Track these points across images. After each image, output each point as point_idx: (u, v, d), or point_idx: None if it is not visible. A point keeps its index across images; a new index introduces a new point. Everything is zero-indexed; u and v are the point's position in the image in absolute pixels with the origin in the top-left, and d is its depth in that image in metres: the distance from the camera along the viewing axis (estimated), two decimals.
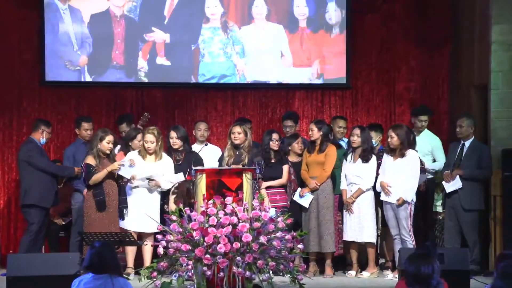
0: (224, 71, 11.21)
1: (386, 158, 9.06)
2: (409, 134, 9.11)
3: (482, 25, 10.21)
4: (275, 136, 9.34)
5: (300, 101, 11.39)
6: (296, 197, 9.26)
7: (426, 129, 10.13)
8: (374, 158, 9.18)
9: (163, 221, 8.28)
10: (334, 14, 11.29)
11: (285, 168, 9.25)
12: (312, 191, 9.18)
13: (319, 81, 11.35)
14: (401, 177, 8.90)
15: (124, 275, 6.20)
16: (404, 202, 8.85)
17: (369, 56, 11.45)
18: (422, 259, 4.74)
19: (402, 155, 8.94)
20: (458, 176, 9.34)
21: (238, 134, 9.13)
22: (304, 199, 9.21)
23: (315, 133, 9.31)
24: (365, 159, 9.14)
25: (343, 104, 11.43)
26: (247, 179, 7.94)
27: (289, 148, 9.55)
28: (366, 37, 11.43)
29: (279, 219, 7.65)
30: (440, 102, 11.43)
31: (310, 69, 11.29)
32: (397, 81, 11.47)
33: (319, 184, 9.16)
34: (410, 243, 8.79)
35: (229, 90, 11.35)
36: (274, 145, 9.29)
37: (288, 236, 7.60)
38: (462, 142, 9.51)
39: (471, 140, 9.49)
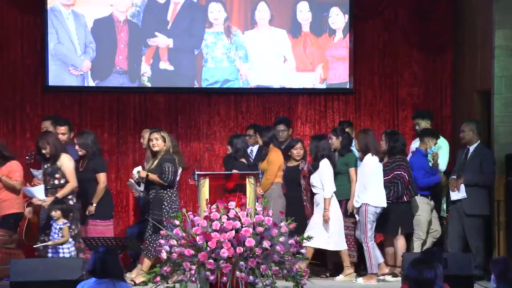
0: (227, 76, 11.21)
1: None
2: (372, 139, 9.29)
3: (485, 30, 10.22)
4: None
5: (303, 106, 11.39)
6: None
7: None
8: (324, 165, 9.17)
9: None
10: (337, 19, 11.29)
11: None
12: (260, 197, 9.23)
13: (322, 86, 11.35)
14: (359, 182, 9.15)
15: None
16: (360, 206, 9.06)
17: (372, 61, 11.46)
18: (424, 264, 4.74)
19: (361, 159, 9.23)
20: (463, 186, 9.29)
21: (155, 140, 9.00)
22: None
23: (259, 140, 9.58)
24: (314, 168, 9.25)
25: (346, 109, 11.42)
26: (250, 183, 7.94)
27: (289, 153, 9.63)
28: (369, 42, 11.44)
29: (282, 224, 7.65)
30: (443, 107, 11.43)
31: (313, 74, 11.29)
32: (400, 86, 11.47)
33: (262, 192, 9.19)
34: (365, 249, 9.01)
35: (232, 95, 11.35)
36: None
37: (291, 241, 7.60)
38: (468, 147, 9.48)
39: (475, 145, 9.43)
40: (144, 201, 9.43)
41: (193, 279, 7.35)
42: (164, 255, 7.48)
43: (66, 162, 8.88)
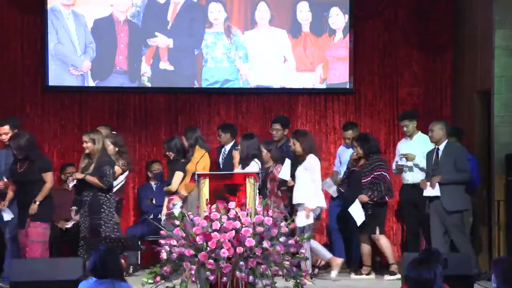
0: (227, 76, 11.22)
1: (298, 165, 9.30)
2: (312, 140, 9.38)
3: (485, 30, 10.22)
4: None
5: (303, 106, 11.39)
6: (171, 206, 9.42)
7: (420, 132, 10.09)
8: (252, 162, 9.16)
9: None
10: (337, 19, 11.30)
11: (177, 174, 9.40)
12: (183, 200, 9.22)
13: (323, 86, 11.35)
14: (301, 182, 9.14)
15: None
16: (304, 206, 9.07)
17: (372, 61, 11.46)
18: (423, 264, 4.73)
19: (304, 160, 9.17)
20: (437, 184, 9.25)
21: (85, 143, 8.95)
22: (175, 207, 9.32)
23: (185, 142, 9.56)
24: (243, 167, 9.24)
25: (346, 109, 11.42)
26: (250, 183, 7.94)
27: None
28: (369, 42, 11.44)
29: (282, 224, 7.65)
30: (443, 107, 11.43)
31: (313, 74, 11.29)
32: (400, 86, 11.47)
33: (186, 193, 9.17)
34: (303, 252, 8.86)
35: (232, 95, 11.35)
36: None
37: (291, 241, 7.60)
38: (437, 147, 9.42)
39: (444, 143, 9.36)
40: (79, 202, 9.12)
41: (193, 279, 7.35)
42: (164, 255, 7.48)
43: None
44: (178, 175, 9.55)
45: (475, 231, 10.04)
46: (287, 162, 9.33)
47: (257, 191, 8.02)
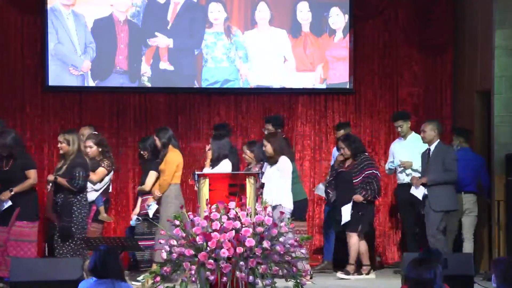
0: (227, 76, 11.22)
1: (267, 166, 9.23)
2: (283, 141, 9.32)
3: (485, 30, 10.22)
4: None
5: (303, 106, 11.39)
6: (146, 206, 9.37)
7: (413, 133, 10.11)
8: (222, 163, 9.14)
9: None
10: (337, 19, 11.30)
11: (151, 174, 9.35)
12: (158, 200, 9.19)
13: (322, 86, 11.35)
14: (274, 183, 9.07)
15: None
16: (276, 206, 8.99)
17: (372, 61, 11.46)
18: (423, 264, 4.73)
19: (275, 161, 9.11)
20: (421, 186, 9.32)
21: (60, 143, 8.81)
22: (149, 208, 9.27)
23: (157, 142, 9.35)
24: (212, 167, 9.21)
25: (346, 109, 11.43)
26: (250, 183, 7.93)
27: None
28: (369, 42, 11.44)
29: (282, 224, 7.64)
30: (443, 107, 11.44)
31: (313, 74, 11.29)
32: (400, 86, 11.47)
33: (160, 194, 9.13)
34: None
35: (232, 95, 11.35)
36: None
37: (291, 241, 7.59)
38: (428, 147, 9.46)
39: (435, 144, 9.39)
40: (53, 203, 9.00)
41: (193, 279, 7.35)
42: (164, 255, 7.48)
43: None
44: (152, 174, 9.42)
45: (475, 231, 10.04)
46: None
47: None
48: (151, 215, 9.28)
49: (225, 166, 9.09)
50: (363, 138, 11.27)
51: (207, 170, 9.21)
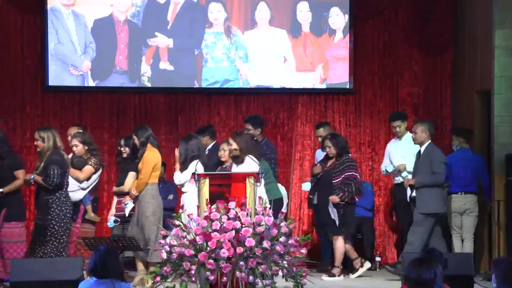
0: (227, 76, 11.22)
1: (234, 166, 9.15)
2: (249, 141, 9.24)
3: (485, 30, 10.22)
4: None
5: (303, 106, 11.39)
6: (123, 205, 9.34)
7: (409, 133, 10.10)
8: (191, 164, 9.09)
9: None
10: (337, 19, 11.30)
11: (130, 175, 9.31)
12: (134, 199, 9.14)
13: (322, 86, 11.35)
14: None
15: None
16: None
17: (372, 61, 11.46)
18: (423, 264, 4.73)
19: (242, 161, 9.04)
20: (409, 187, 9.35)
21: (36, 141, 8.73)
22: (126, 207, 9.22)
23: (135, 141, 9.21)
24: (182, 170, 9.18)
25: (346, 109, 11.43)
26: (250, 183, 7.93)
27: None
28: (369, 42, 11.44)
29: (282, 224, 7.64)
30: (443, 107, 11.43)
31: (313, 74, 11.29)
32: (400, 86, 11.47)
33: (137, 193, 9.04)
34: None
35: (232, 95, 11.35)
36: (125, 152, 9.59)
37: (291, 241, 7.59)
38: (419, 148, 9.45)
39: (426, 145, 9.37)
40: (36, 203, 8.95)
41: (193, 279, 7.35)
42: (164, 255, 7.48)
43: None
44: (132, 175, 9.37)
45: (475, 231, 10.04)
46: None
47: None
48: (127, 214, 9.22)
49: (195, 168, 8.97)
50: (363, 138, 11.30)
51: (177, 174, 9.18)
